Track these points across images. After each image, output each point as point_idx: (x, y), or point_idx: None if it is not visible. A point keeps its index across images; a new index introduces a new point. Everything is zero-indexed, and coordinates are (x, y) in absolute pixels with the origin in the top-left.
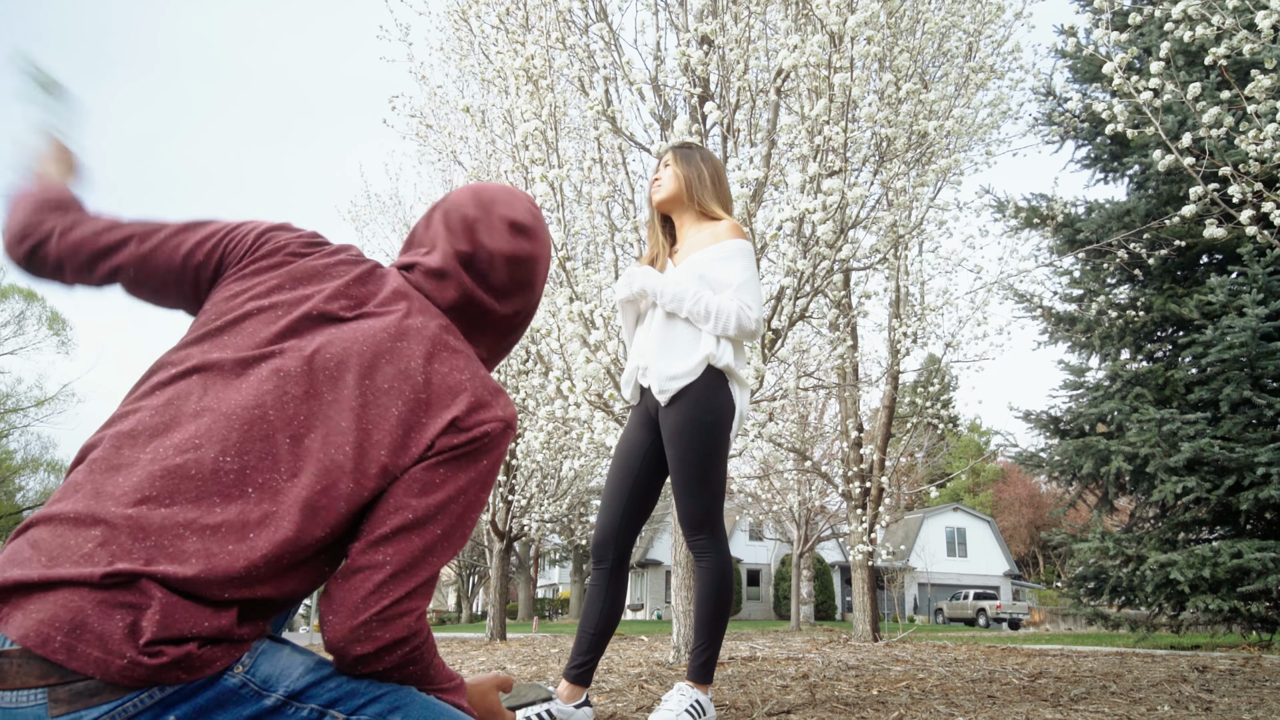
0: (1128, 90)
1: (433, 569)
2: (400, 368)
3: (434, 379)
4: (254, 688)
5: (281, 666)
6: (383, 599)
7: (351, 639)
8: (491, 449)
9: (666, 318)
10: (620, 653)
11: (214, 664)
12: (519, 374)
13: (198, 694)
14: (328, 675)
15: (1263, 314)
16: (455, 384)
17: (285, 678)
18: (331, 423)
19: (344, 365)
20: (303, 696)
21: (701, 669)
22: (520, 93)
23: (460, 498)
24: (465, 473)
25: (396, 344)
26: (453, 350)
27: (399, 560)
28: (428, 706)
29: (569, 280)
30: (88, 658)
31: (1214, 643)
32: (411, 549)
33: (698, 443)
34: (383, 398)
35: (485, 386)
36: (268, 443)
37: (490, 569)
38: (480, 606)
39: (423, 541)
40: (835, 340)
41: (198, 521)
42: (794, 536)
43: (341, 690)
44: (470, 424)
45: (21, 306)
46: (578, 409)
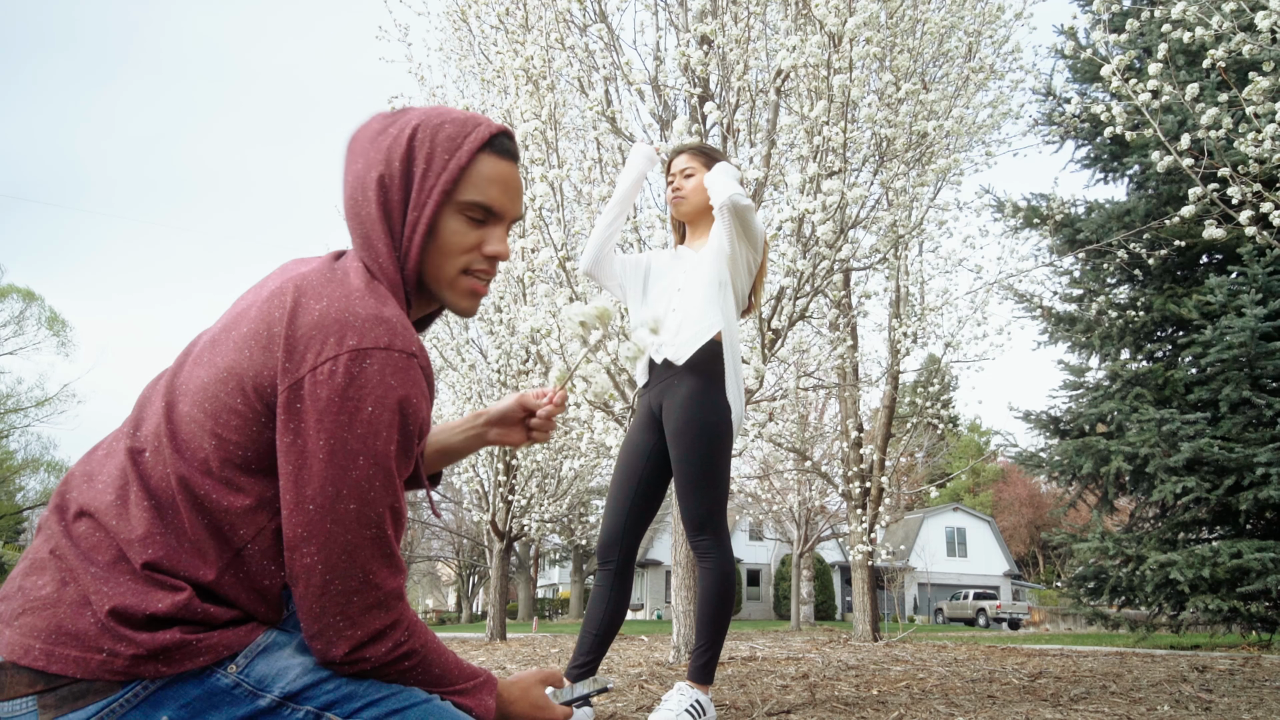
0: (1126, 92)
1: (375, 545)
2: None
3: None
4: (248, 688)
5: (279, 667)
6: (334, 596)
7: (325, 644)
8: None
9: (676, 296)
10: (620, 653)
11: (197, 657)
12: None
13: (187, 692)
14: (327, 676)
15: (1262, 314)
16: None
17: (282, 678)
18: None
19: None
20: (299, 698)
21: (702, 669)
22: (520, 93)
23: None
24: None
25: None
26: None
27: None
28: (429, 711)
29: (569, 280)
30: (66, 659)
31: (1214, 643)
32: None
33: (700, 443)
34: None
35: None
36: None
37: (490, 569)
38: (480, 606)
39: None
40: (835, 340)
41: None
42: (794, 536)
43: (340, 693)
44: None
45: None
46: (578, 409)
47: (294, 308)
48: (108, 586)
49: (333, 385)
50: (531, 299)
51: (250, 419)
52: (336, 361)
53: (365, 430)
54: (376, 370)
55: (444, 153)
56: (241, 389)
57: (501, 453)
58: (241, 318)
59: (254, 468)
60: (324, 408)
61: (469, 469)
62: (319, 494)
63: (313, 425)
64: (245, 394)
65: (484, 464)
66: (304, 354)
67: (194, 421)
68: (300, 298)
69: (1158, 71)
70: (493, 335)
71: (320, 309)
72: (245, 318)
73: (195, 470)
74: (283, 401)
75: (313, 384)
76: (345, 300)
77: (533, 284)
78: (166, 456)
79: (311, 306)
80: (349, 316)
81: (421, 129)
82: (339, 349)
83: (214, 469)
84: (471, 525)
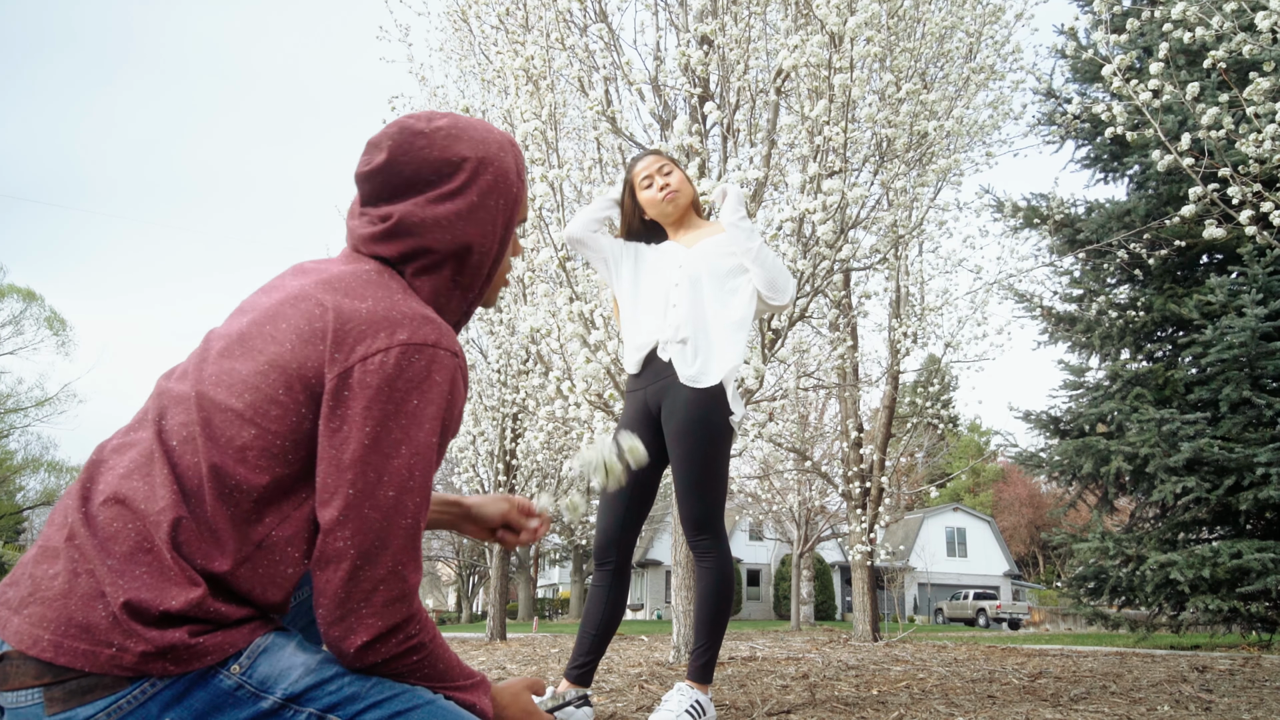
0: (1127, 93)
1: (404, 536)
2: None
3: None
4: (250, 689)
5: (281, 667)
6: (362, 583)
7: (344, 631)
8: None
9: (673, 291)
10: (620, 653)
11: (204, 657)
12: (519, 374)
13: (192, 694)
14: (330, 677)
15: (1262, 314)
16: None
17: (284, 679)
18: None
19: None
20: (302, 700)
21: (702, 669)
22: (520, 93)
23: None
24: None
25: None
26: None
27: (360, 539)
28: (436, 712)
29: (569, 280)
30: (75, 651)
31: (1214, 643)
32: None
33: (703, 444)
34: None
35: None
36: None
37: (490, 569)
38: (480, 606)
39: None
40: (835, 340)
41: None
42: (794, 536)
43: (343, 694)
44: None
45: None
46: (578, 409)
47: (339, 304)
48: (124, 580)
49: (383, 375)
50: (531, 299)
51: (292, 409)
52: (388, 354)
53: (409, 421)
54: (424, 365)
55: (515, 184)
56: (285, 380)
57: (501, 452)
58: (276, 315)
59: (290, 458)
60: (372, 396)
61: (469, 469)
62: (360, 478)
63: (359, 412)
64: (289, 385)
65: (484, 464)
66: (354, 345)
67: (231, 411)
68: (343, 295)
69: (1159, 71)
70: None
71: (368, 306)
72: (281, 315)
73: (230, 458)
74: (330, 389)
75: (362, 373)
76: (390, 299)
77: (533, 284)
78: (199, 445)
79: (357, 304)
80: (397, 314)
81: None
82: (390, 341)
83: (250, 458)
84: None
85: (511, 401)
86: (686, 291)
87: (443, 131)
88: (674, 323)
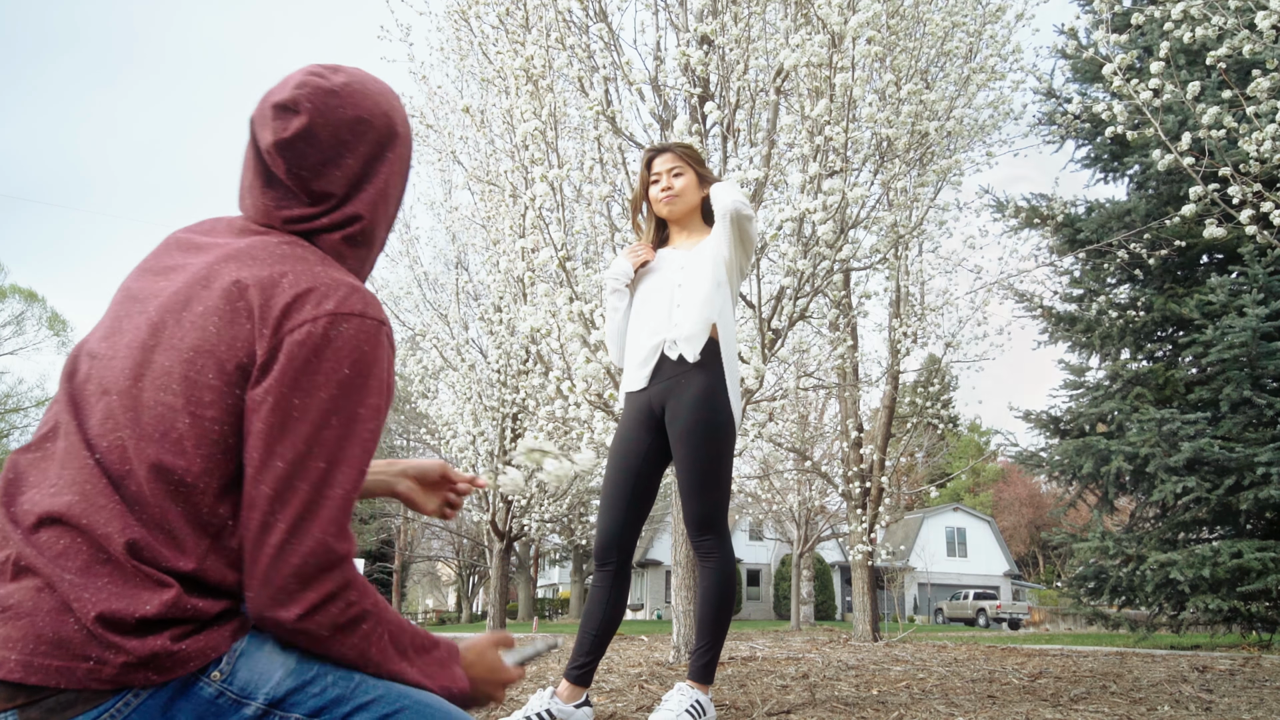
0: (1127, 92)
1: (332, 502)
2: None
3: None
4: (231, 696)
5: (260, 671)
6: (289, 556)
7: (275, 605)
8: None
9: (685, 294)
10: (620, 653)
11: (186, 664)
12: (519, 374)
13: (174, 706)
14: (312, 678)
15: (1263, 314)
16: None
17: (265, 683)
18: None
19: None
20: (284, 704)
21: (703, 669)
22: (520, 93)
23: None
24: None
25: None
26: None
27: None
28: (424, 709)
29: (569, 280)
30: (48, 669)
31: (1214, 643)
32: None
33: (708, 444)
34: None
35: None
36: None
37: (490, 569)
38: (480, 606)
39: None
40: (835, 340)
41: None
42: (794, 536)
43: (328, 697)
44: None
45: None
46: (578, 409)
47: (258, 277)
48: (89, 592)
49: (309, 346)
50: (531, 299)
51: (225, 392)
52: (315, 324)
53: (339, 392)
54: (352, 335)
55: (409, 137)
56: (217, 364)
57: (501, 452)
58: (188, 299)
59: (231, 442)
60: (300, 368)
61: (469, 469)
62: (289, 450)
63: (288, 384)
64: (221, 368)
65: (484, 464)
66: (280, 318)
67: (162, 405)
68: (260, 267)
69: (1159, 70)
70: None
71: (289, 277)
72: (194, 298)
73: (169, 452)
74: (260, 364)
75: (290, 345)
76: (310, 270)
77: (533, 284)
78: (130, 446)
79: (277, 275)
80: (321, 284)
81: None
82: (316, 312)
83: (189, 448)
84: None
85: (511, 401)
86: (690, 291)
87: (349, 88)
88: (678, 320)
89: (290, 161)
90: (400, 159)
